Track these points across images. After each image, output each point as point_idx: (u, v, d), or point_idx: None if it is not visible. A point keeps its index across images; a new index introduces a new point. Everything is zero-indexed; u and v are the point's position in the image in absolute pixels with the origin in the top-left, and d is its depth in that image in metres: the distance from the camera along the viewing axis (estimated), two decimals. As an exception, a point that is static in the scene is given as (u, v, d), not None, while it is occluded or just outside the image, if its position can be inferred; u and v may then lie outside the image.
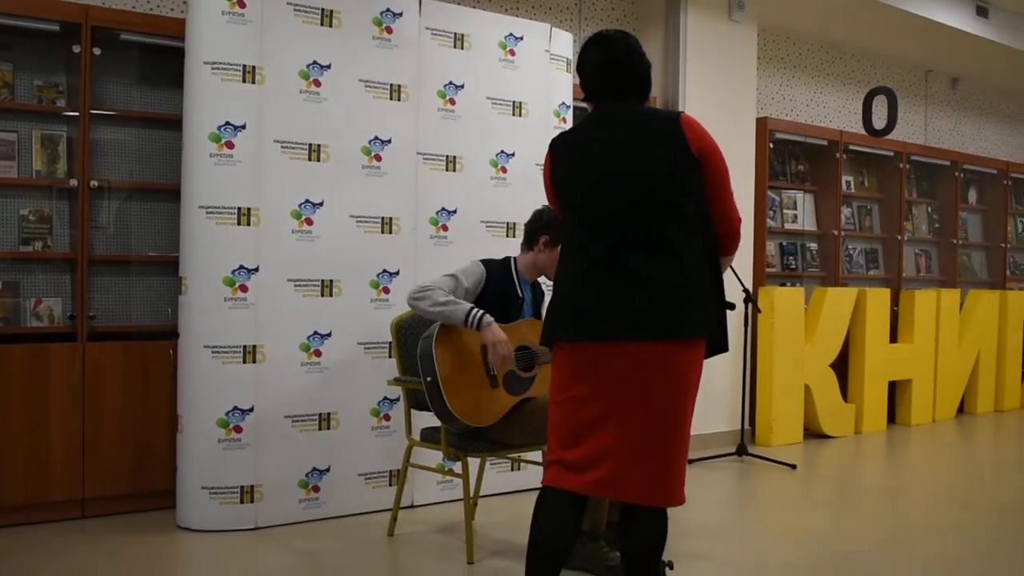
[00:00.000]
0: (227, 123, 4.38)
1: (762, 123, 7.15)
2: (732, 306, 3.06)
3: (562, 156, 3.06)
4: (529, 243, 4.22)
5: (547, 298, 4.29)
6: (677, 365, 2.81)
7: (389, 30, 4.81)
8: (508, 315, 4.14)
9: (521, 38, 5.22)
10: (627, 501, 2.87)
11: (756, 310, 6.36)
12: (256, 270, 4.44)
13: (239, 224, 4.41)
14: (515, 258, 4.30)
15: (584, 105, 3.15)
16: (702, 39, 6.64)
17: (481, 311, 3.96)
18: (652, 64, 3.09)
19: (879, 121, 7.42)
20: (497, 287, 4.19)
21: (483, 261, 4.23)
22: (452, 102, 5.01)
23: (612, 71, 2.99)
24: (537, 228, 4.19)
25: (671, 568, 3.53)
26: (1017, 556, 4.35)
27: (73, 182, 4.59)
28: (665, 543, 2.93)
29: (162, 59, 4.85)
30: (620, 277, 2.83)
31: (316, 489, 4.63)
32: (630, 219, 2.85)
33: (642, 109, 3.00)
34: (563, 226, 3.08)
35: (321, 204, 4.61)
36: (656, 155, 2.86)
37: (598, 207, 2.91)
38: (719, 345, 2.96)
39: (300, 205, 4.56)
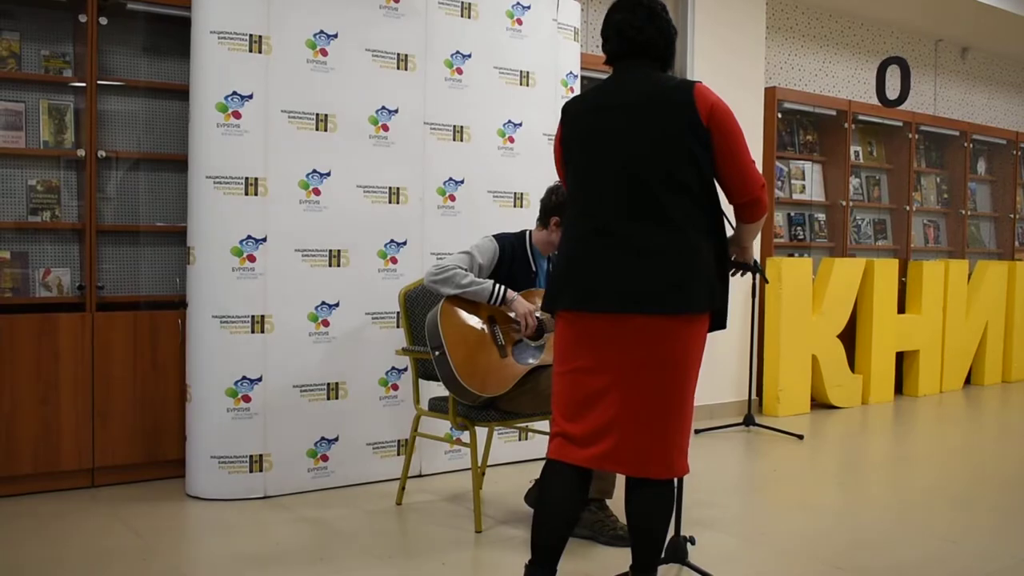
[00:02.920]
0: (234, 93, 4.36)
1: (770, 93, 7.11)
2: (756, 268, 3.04)
3: (571, 120, 3.03)
4: (543, 221, 4.22)
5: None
6: (679, 339, 2.80)
7: (396, -1, 4.79)
8: (521, 288, 4.15)
9: (528, 7, 5.19)
10: (629, 474, 2.89)
11: (764, 280, 6.35)
12: (264, 240, 4.44)
13: (247, 194, 4.40)
14: (531, 231, 4.30)
15: (591, 75, 3.13)
16: (711, 8, 6.59)
17: (503, 287, 4.02)
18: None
19: (892, 91, 7.38)
20: (511, 262, 4.20)
21: (496, 236, 4.23)
22: (459, 71, 4.99)
23: (631, 35, 2.94)
24: (548, 209, 4.18)
25: (692, 544, 3.54)
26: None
27: (81, 152, 4.59)
28: (671, 514, 2.94)
29: (169, 28, 4.84)
30: (620, 248, 2.82)
31: (324, 458, 4.65)
32: (632, 188, 2.82)
33: (656, 76, 2.94)
34: (568, 189, 3.06)
35: (328, 174, 4.60)
36: (662, 124, 2.82)
37: (601, 174, 2.89)
38: (719, 322, 2.94)
39: (308, 175, 4.55)
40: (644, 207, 2.81)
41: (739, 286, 6.52)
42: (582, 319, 2.87)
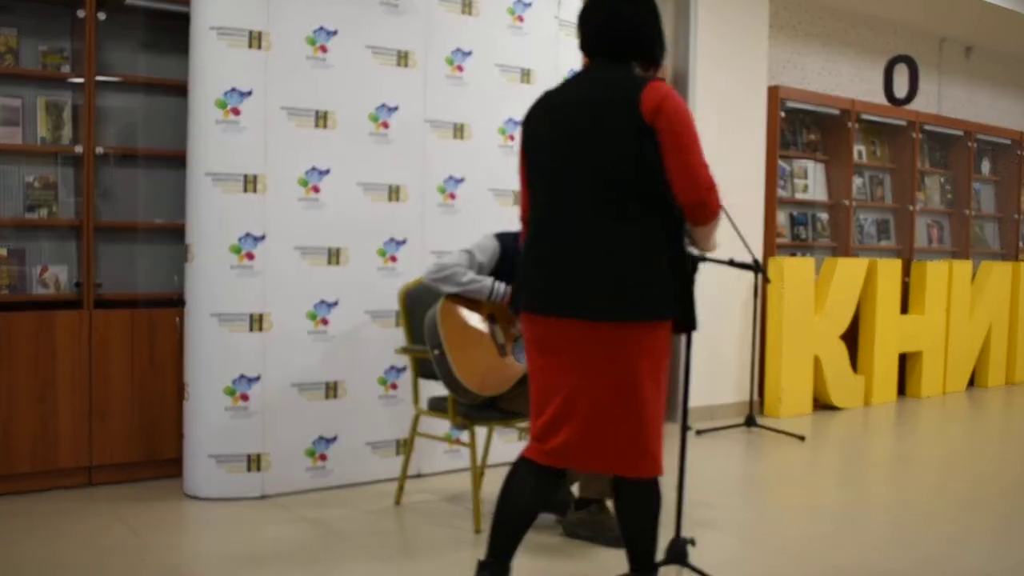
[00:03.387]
0: (233, 89, 4.34)
1: (773, 92, 7.07)
2: (757, 267, 2.96)
3: (531, 119, 2.97)
4: None
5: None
6: (630, 345, 2.75)
7: (396, -5, 4.76)
8: None
9: (530, 4, 5.16)
10: (586, 471, 2.88)
11: (766, 280, 6.33)
12: (263, 238, 4.42)
13: (246, 191, 4.38)
14: None
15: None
16: (713, 7, 6.57)
17: (503, 284, 4.00)
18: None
19: (900, 90, 7.36)
20: (511, 260, 4.17)
21: (497, 235, 4.21)
22: (460, 69, 4.96)
23: (595, 27, 2.87)
24: None
25: (693, 545, 3.51)
26: (1027, 528, 4.35)
27: (78, 148, 4.56)
28: (658, 513, 2.91)
29: (167, 24, 4.81)
30: (568, 252, 2.78)
31: (323, 458, 4.62)
32: (579, 191, 2.77)
33: (615, 75, 2.84)
34: (527, 189, 3.00)
35: (328, 171, 4.58)
36: (608, 124, 2.75)
37: (551, 176, 2.85)
38: (686, 324, 2.85)
39: (307, 172, 4.53)
40: (594, 210, 2.75)
41: (741, 286, 6.50)
42: (539, 319, 2.85)
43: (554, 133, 2.86)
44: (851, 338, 7.38)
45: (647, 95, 2.71)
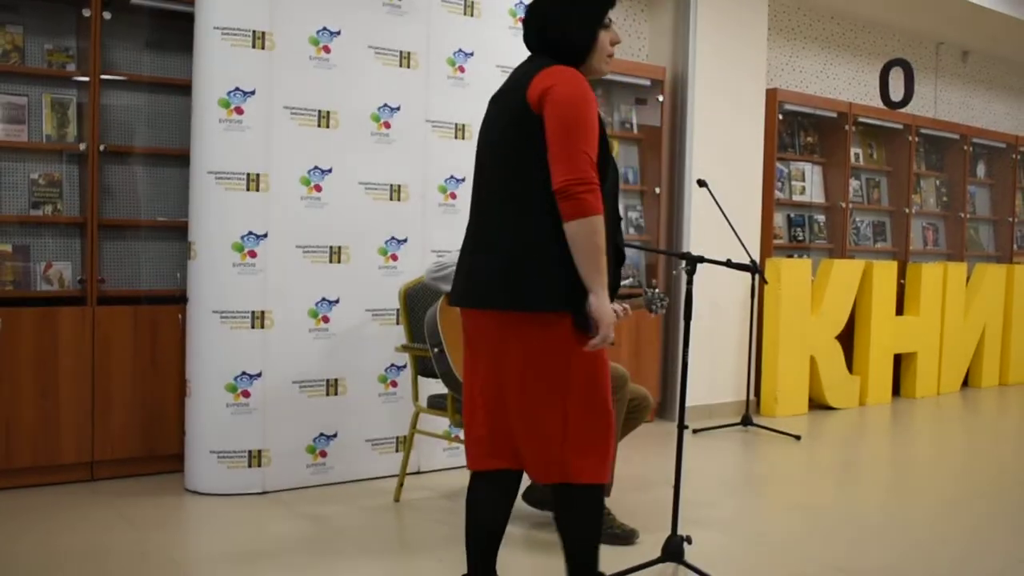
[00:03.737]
0: (236, 89, 4.37)
1: (771, 94, 7.11)
2: (755, 268, 2.89)
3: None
4: None
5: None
6: (522, 338, 2.67)
7: (399, -4, 4.79)
8: None
9: (531, 6, 5.19)
10: (503, 468, 2.86)
11: (763, 281, 6.36)
12: (265, 236, 4.45)
13: (248, 190, 4.41)
14: None
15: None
16: (713, 9, 6.60)
17: None
18: (582, 20, 2.80)
19: (896, 93, 7.39)
20: None
21: None
22: (462, 70, 5.00)
23: (530, 29, 2.86)
24: None
25: (689, 543, 3.55)
26: (1021, 529, 4.38)
27: (83, 146, 4.60)
28: (591, 522, 2.84)
29: (172, 24, 4.84)
30: (474, 242, 2.80)
31: (323, 454, 4.66)
32: (487, 182, 2.79)
33: (527, 67, 2.79)
34: None
35: (330, 171, 4.61)
36: (506, 115, 2.74)
37: (476, 168, 2.88)
38: (582, 323, 2.64)
39: (309, 171, 4.56)
40: (496, 201, 2.74)
41: (739, 287, 6.54)
42: (462, 311, 2.86)
43: (484, 126, 2.89)
44: (847, 339, 7.42)
45: (536, 81, 2.64)
